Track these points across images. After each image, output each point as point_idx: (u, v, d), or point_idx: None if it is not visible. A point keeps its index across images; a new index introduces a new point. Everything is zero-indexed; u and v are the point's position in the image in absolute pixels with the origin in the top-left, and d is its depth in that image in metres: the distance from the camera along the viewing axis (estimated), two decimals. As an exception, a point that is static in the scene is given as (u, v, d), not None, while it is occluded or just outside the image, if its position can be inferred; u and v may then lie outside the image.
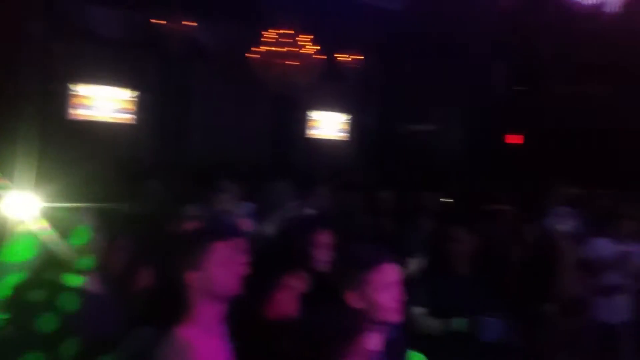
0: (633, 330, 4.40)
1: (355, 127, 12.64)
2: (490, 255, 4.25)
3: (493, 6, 11.24)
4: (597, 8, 11.78)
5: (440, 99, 11.60)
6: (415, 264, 2.92)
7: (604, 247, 4.40)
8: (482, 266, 3.19)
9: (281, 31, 8.45)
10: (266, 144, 10.88)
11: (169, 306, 1.74)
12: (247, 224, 2.58)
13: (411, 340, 2.71)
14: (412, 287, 2.83)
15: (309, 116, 12.12)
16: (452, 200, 5.68)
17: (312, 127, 12.29)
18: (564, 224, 5.26)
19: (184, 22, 8.68)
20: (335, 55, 10.06)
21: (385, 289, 1.85)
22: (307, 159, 10.84)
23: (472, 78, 11.43)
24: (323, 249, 2.44)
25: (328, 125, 12.55)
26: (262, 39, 8.60)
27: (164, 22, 8.65)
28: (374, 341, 1.86)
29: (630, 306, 4.41)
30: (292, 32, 8.45)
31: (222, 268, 1.71)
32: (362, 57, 10.29)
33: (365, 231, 3.71)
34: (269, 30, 8.55)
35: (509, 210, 4.96)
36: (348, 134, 12.71)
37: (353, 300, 1.85)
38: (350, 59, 10.18)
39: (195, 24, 8.85)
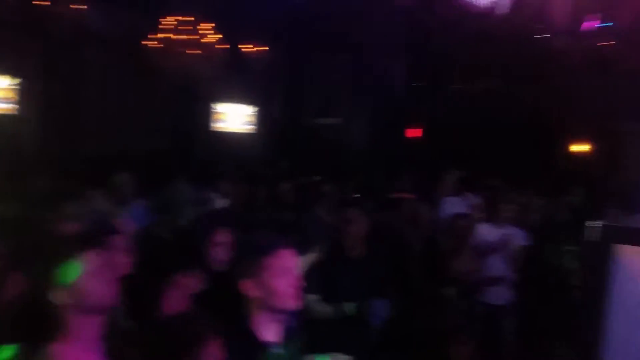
0: (515, 311, 4.76)
1: (262, 120, 12.52)
2: (389, 241, 4.39)
3: (393, 3, 11.61)
4: (488, 9, 12.64)
5: (345, 92, 11.83)
6: (312, 254, 2.92)
7: (487, 231, 4.69)
8: (377, 249, 3.26)
9: (180, 18, 8.07)
10: (167, 136, 10.43)
11: (39, 322, 1.57)
12: (129, 224, 2.44)
13: (305, 328, 2.72)
14: (306, 276, 2.84)
15: (213, 108, 11.80)
16: (359, 195, 5.78)
17: (217, 120, 11.99)
18: (457, 210, 5.58)
19: (71, 6, 7.99)
20: (239, 45, 9.83)
21: (283, 274, 1.82)
22: (212, 152, 10.55)
23: (374, 73, 11.77)
24: (221, 248, 2.37)
25: (234, 117, 12.31)
26: (159, 26, 8.16)
27: (49, 3, 7.92)
28: (272, 330, 1.84)
29: (512, 288, 4.74)
30: (193, 19, 8.10)
31: (94, 279, 1.57)
32: (267, 48, 10.14)
33: (265, 223, 3.68)
34: (167, 17, 8.13)
35: (410, 199, 5.14)
36: (254, 127, 12.55)
37: (250, 288, 1.81)
38: (254, 50, 10.01)
39: (85, 7, 8.19)
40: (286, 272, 1.82)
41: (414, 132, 12.53)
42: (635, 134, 9.28)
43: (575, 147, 10.96)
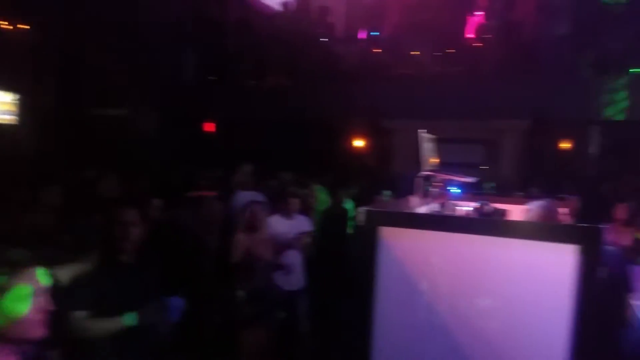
0: (307, 295, 5.01)
1: (27, 110, 10.81)
2: (183, 241, 4.18)
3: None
4: (278, 9, 13.15)
5: (132, 83, 11.00)
6: (79, 265, 2.55)
7: (278, 224, 4.84)
8: (154, 253, 3.03)
9: None
10: None
11: None
12: None
13: (75, 348, 2.38)
14: (72, 290, 2.48)
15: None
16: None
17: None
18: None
19: None
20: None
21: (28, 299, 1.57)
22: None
23: (162, 63, 11.22)
24: None
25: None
26: None
27: None
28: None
29: (304, 274, 4.98)
30: None
31: None
32: (29, 27, 8.76)
33: (19, 232, 3.10)
34: None
35: (208, 196, 4.98)
36: (17, 117, 10.78)
37: None
38: (12, 28, 8.55)
39: None
40: (34, 297, 1.59)
41: (208, 126, 12.35)
42: (401, 130, 10.62)
43: (355, 143, 12.08)
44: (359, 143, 12.07)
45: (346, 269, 5.20)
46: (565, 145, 10.90)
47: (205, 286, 4.32)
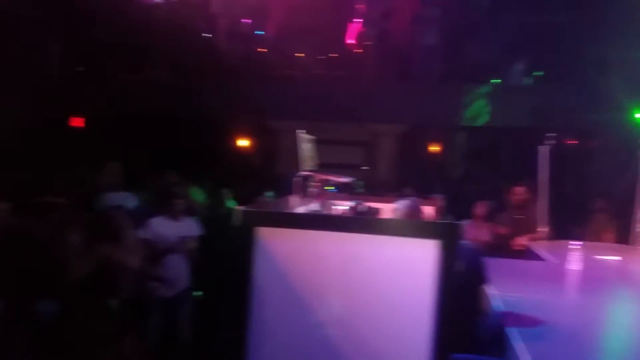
0: (188, 297, 4.84)
1: None
2: (31, 250, 3.80)
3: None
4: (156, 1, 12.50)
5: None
6: None
7: (162, 226, 4.60)
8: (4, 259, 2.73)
9: None
10: None
11: None
12: None
13: None
14: None
15: None
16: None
17: None
18: (121, 206, 5.28)
19: None
20: None
21: None
22: None
23: (24, 54, 10.13)
24: None
25: None
26: None
27: None
28: None
29: (188, 278, 4.80)
30: None
31: None
32: None
33: None
34: None
35: (62, 202, 4.55)
36: None
37: None
38: None
39: None
40: None
41: (76, 122, 11.38)
42: (285, 131, 10.71)
43: (239, 143, 11.93)
44: (243, 143, 11.94)
45: (228, 271, 5.11)
46: (435, 148, 11.79)
47: (70, 294, 3.98)
